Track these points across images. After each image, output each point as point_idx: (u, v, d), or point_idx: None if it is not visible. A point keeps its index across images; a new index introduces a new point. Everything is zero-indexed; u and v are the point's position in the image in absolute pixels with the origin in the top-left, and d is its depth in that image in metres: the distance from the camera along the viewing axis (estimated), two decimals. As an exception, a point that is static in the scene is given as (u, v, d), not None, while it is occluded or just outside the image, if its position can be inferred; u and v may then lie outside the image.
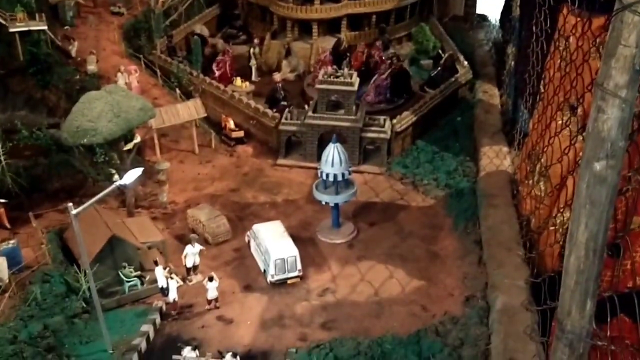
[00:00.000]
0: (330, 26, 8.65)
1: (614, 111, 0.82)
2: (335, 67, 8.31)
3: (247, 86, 10.61)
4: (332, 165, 8.18)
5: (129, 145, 9.06)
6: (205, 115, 11.05)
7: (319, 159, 8.19)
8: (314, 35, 8.74)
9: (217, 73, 11.16)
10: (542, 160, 2.05)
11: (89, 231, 7.16)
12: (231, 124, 11.41)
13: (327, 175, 8.50)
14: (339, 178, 8.52)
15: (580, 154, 1.06)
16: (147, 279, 7.61)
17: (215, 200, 10.01)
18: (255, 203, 10.11)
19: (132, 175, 6.30)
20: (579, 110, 1.75)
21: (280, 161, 9.84)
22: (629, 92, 0.77)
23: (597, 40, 1.74)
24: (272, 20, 9.95)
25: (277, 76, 9.68)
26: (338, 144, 8.29)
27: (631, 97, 0.78)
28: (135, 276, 7.72)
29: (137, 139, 9.35)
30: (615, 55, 0.76)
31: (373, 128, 8.36)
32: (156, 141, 10.73)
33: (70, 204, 6.05)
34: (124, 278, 7.69)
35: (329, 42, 8.90)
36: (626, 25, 0.73)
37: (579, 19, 1.83)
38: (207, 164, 11.24)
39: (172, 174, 10.50)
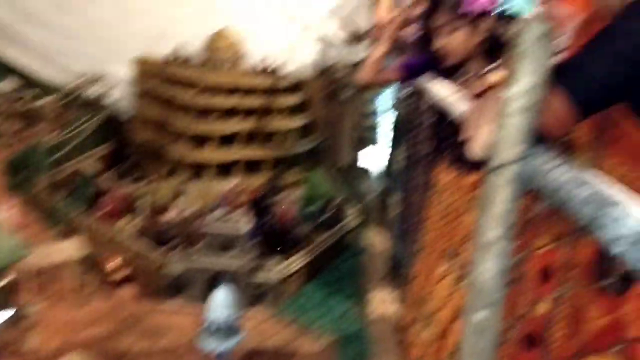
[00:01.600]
0: (224, 169, 9.47)
1: (492, 263, 0.86)
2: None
3: (134, 225, 11.49)
4: (220, 309, 8.06)
5: (-3, 285, 8.26)
6: (87, 254, 10.50)
7: (205, 302, 8.26)
8: (208, 177, 8.79)
9: (103, 211, 11.79)
10: (426, 307, 2.09)
11: None
12: (114, 264, 10.91)
13: (214, 320, 8.16)
14: (226, 323, 8.19)
15: (463, 301, 1.09)
16: None
17: (89, 347, 9.14)
18: (134, 351, 9.36)
19: (-4, 318, 5.68)
20: (460, 259, 1.84)
21: (164, 305, 9.88)
22: (503, 245, 0.82)
23: (470, 196, 1.90)
24: (165, 161, 11.36)
25: (166, 216, 10.37)
26: (226, 287, 8.15)
27: (506, 250, 0.83)
28: None
29: (8, 278, 8.57)
30: (489, 210, 0.81)
31: (263, 271, 9.22)
32: (29, 281, 9.90)
33: None
34: None
35: (222, 185, 9.76)
36: (498, 184, 0.80)
37: (452, 175, 2.00)
38: (84, 307, 10.41)
39: (45, 317, 9.58)
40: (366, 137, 5.56)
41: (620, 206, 0.57)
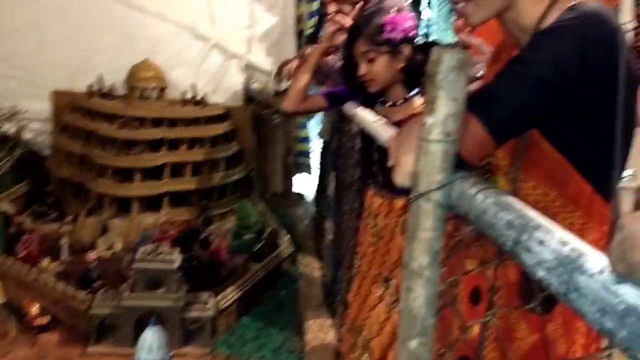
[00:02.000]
0: (151, 203, 9.20)
1: (421, 290, 0.86)
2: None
3: (56, 266, 10.86)
4: (150, 350, 7.70)
5: None
6: (5, 300, 9.87)
7: (135, 344, 7.84)
8: (134, 212, 8.51)
9: (22, 253, 11.02)
10: (364, 332, 2.08)
11: None
12: (35, 309, 10.26)
13: (146, 360, 7.80)
14: (160, 362, 7.86)
15: (398, 326, 1.09)
16: None
17: (11, 399, 8.51)
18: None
19: None
20: (393, 284, 1.84)
21: (91, 349, 9.09)
22: (432, 272, 0.82)
23: (401, 219, 1.92)
24: (88, 197, 10.86)
25: (91, 255, 9.85)
26: (157, 327, 7.78)
27: (434, 277, 0.82)
28: None
29: None
30: (416, 238, 0.81)
31: (196, 306, 8.86)
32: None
33: None
34: None
35: (149, 219, 9.47)
36: (423, 211, 0.80)
37: (383, 200, 2.03)
38: (6, 356, 9.73)
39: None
40: (298, 163, 5.57)
41: (541, 230, 0.58)
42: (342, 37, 2.29)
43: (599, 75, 0.97)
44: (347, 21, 2.31)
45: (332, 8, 3.65)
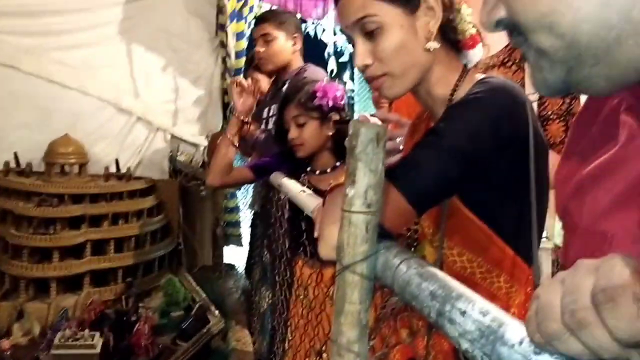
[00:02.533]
0: (71, 283, 8.69)
1: (350, 365, 0.84)
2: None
3: None
4: None
5: None
6: None
7: None
8: (52, 294, 8.05)
9: None
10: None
11: None
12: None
13: None
14: None
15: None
16: None
17: None
18: None
19: None
20: (325, 358, 1.80)
21: None
22: (360, 347, 0.80)
23: (331, 289, 1.89)
24: (2, 280, 10.19)
25: (4, 343, 9.13)
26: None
27: (364, 351, 0.81)
28: None
29: None
30: (343, 312, 0.79)
31: None
32: None
33: None
34: None
35: (69, 300, 8.89)
36: (348, 284, 0.79)
37: (312, 269, 2.02)
38: None
39: None
40: (228, 235, 5.49)
41: (463, 300, 0.58)
42: (249, 102, 2.32)
43: (511, 144, 1.02)
44: (249, 83, 2.35)
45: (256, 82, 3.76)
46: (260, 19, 3.05)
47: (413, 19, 1.10)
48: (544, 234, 2.07)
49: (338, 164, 2.16)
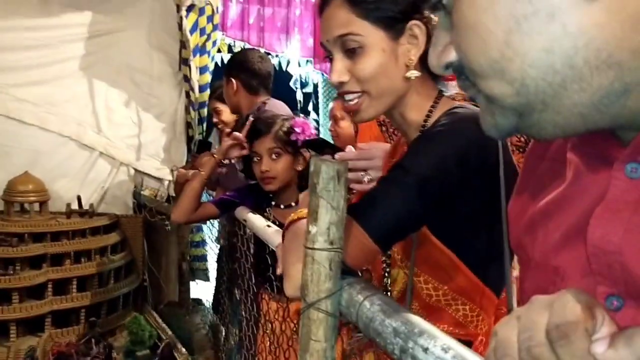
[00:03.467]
0: (32, 325, 8.40)
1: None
2: None
3: None
4: None
5: None
6: None
7: None
8: (12, 337, 7.77)
9: None
10: None
11: None
12: None
13: None
14: None
15: None
16: None
17: None
18: None
19: None
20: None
21: None
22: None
23: (297, 324, 1.88)
24: None
25: None
26: None
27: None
28: None
29: None
30: (308, 350, 0.79)
31: None
32: None
33: None
34: None
35: (29, 342, 8.59)
36: (313, 321, 0.79)
37: (278, 304, 2.00)
38: None
39: None
40: (194, 269, 5.39)
41: (425, 337, 0.58)
42: (236, 152, 2.36)
43: (479, 174, 1.04)
44: (243, 138, 2.39)
45: (219, 112, 3.92)
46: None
47: (396, 44, 1.11)
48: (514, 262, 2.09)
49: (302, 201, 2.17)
